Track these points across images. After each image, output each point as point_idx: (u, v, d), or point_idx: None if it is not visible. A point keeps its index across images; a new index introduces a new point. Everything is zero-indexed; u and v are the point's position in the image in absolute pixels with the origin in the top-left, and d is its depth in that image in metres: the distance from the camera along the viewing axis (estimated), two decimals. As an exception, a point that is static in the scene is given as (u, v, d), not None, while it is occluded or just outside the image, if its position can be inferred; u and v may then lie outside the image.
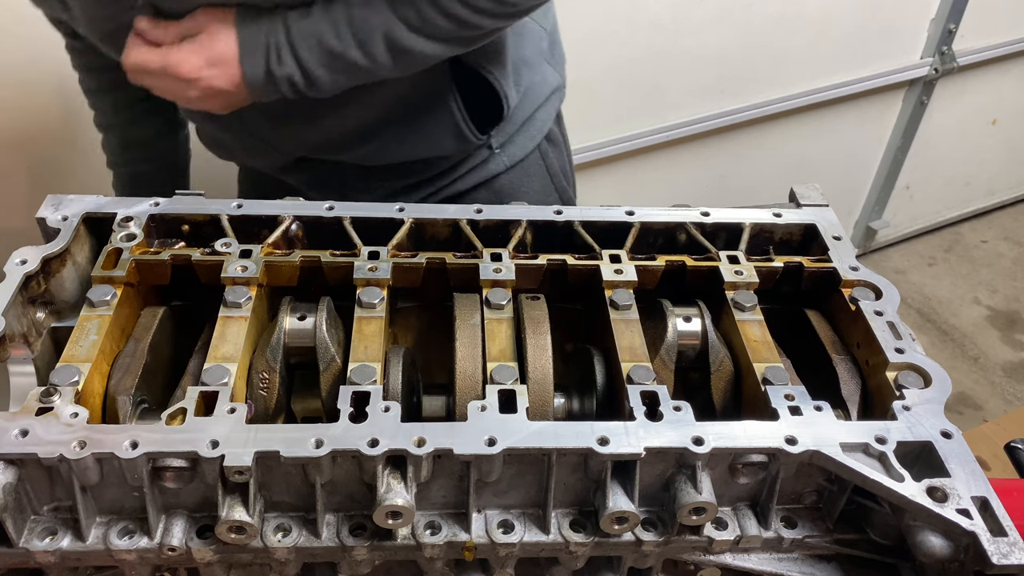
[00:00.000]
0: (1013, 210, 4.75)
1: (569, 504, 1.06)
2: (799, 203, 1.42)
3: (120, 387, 1.09)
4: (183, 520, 1.02)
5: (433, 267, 1.25)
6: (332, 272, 1.24)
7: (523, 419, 1.01)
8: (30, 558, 0.99)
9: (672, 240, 1.36)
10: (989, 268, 4.38)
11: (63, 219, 1.24)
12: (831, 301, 1.30)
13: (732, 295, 1.24)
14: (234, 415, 1.00)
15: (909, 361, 1.14)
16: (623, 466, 1.01)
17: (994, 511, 0.97)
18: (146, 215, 1.27)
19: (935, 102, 3.84)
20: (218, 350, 1.10)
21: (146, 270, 1.22)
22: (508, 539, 1.03)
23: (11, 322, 1.10)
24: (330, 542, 1.02)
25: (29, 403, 1.00)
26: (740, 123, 3.34)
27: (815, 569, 1.11)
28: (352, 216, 1.30)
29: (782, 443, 1.01)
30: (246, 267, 1.20)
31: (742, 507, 1.09)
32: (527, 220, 1.32)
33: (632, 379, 1.09)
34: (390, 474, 0.98)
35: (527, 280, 1.27)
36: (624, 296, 1.21)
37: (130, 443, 0.94)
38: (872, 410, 1.17)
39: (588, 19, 2.72)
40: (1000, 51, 3.84)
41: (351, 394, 1.03)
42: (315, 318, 1.17)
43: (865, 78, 3.55)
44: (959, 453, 1.02)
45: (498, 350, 1.12)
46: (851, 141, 3.86)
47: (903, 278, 4.29)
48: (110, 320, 1.13)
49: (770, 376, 1.11)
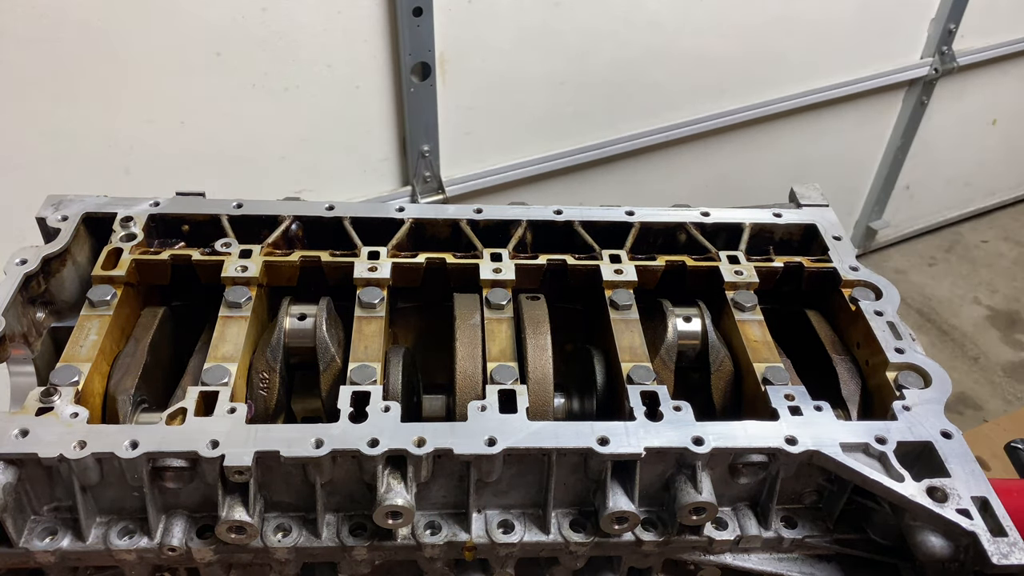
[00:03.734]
0: (1013, 210, 4.75)
1: (569, 504, 1.06)
2: (799, 203, 1.42)
3: (120, 387, 1.09)
4: (183, 520, 1.01)
5: (433, 267, 1.25)
6: (332, 272, 1.24)
7: (523, 419, 1.01)
8: (30, 558, 0.99)
9: (672, 240, 1.36)
10: (989, 268, 4.38)
11: (63, 219, 1.24)
12: (831, 301, 1.30)
13: (732, 295, 1.24)
14: (234, 415, 1.00)
15: (909, 361, 1.14)
16: (623, 466, 1.01)
17: (994, 511, 0.97)
18: (146, 215, 1.27)
19: (935, 102, 3.84)
20: (218, 350, 1.10)
21: (146, 270, 1.22)
22: (508, 539, 1.03)
23: (11, 322, 1.10)
24: (330, 542, 1.02)
25: (29, 403, 1.00)
26: (740, 123, 3.33)
27: (815, 569, 1.11)
28: (352, 216, 1.30)
29: (782, 443, 1.01)
30: (246, 267, 1.20)
31: (742, 507, 1.09)
32: (527, 220, 1.32)
33: (632, 379, 1.09)
34: (390, 474, 0.98)
35: (527, 280, 1.26)
36: (624, 296, 1.21)
37: (130, 443, 0.94)
38: (872, 410, 1.17)
39: (588, 19, 2.72)
40: (1000, 51, 3.84)
41: (351, 394, 1.03)
42: (315, 318, 1.17)
43: (865, 78, 3.55)
44: (959, 453, 1.02)
45: (498, 350, 1.12)
46: (851, 141, 3.85)
47: (903, 278, 4.29)
48: (110, 320, 1.13)
49: (770, 376, 1.11)
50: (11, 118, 2.27)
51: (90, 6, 2.19)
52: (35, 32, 2.14)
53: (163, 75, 2.38)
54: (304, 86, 2.39)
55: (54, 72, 2.25)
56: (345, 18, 2.27)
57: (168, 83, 2.39)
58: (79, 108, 2.32)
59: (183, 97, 2.44)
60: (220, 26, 2.25)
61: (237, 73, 2.39)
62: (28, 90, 2.25)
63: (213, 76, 2.41)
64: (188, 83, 2.41)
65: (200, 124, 2.51)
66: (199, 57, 2.36)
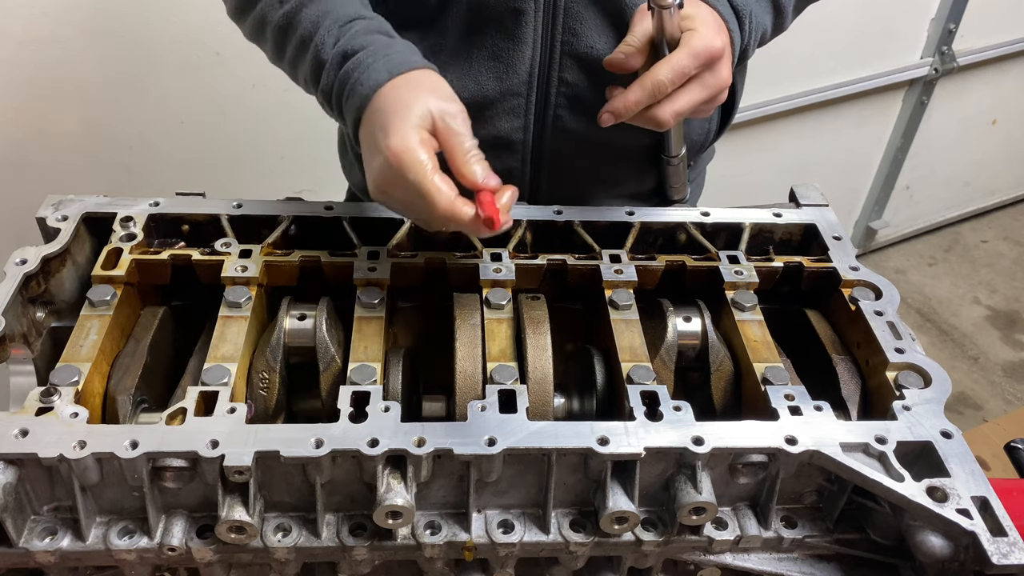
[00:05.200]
0: (1013, 210, 4.75)
1: (569, 504, 1.06)
2: (799, 203, 1.42)
3: (120, 387, 1.09)
4: (183, 520, 1.01)
5: (433, 267, 1.25)
6: (332, 272, 1.24)
7: (523, 419, 1.01)
8: (30, 558, 0.99)
9: (672, 240, 1.36)
10: (989, 268, 4.38)
11: (63, 219, 1.24)
12: (831, 301, 1.30)
13: (732, 295, 1.24)
14: (234, 415, 1.00)
15: (909, 361, 1.14)
16: (623, 466, 1.01)
17: (994, 511, 0.97)
18: (146, 215, 1.27)
19: (935, 102, 3.84)
20: (218, 350, 1.10)
21: (146, 270, 1.22)
22: (508, 539, 1.03)
23: (11, 322, 1.10)
24: (330, 542, 1.02)
25: (29, 403, 1.00)
26: (740, 123, 3.34)
27: (815, 569, 1.11)
28: (351, 216, 1.30)
29: (782, 443, 1.01)
30: (246, 267, 1.20)
31: (742, 507, 1.09)
32: (527, 220, 1.32)
33: (632, 379, 1.09)
34: (390, 474, 0.98)
35: (527, 280, 1.27)
36: (624, 296, 1.21)
37: (130, 443, 0.94)
38: (872, 410, 1.17)
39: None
40: (1000, 51, 3.84)
41: (351, 394, 1.03)
42: (315, 318, 1.17)
43: (865, 78, 3.55)
44: (959, 453, 1.02)
45: (498, 350, 1.12)
46: (851, 141, 3.86)
47: (903, 278, 4.30)
48: (110, 320, 1.13)
49: (770, 376, 1.11)
50: (11, 118, 2.28)
51: (90, 6, 2.19)
52: (35, 32, 2.14)
53: (163, 75, 2.38)
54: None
55: (54, 72, 2.25)
56: (345, 18, 2.27)
57: (168, 83, 2.39)
58: (79, 108, 2.32)
59: (183, 97, 2.44)
60: (220, 26, 2.26)
61: (237, 73, 2.39)
62: (28, 90, 2.25)
63: (213, 76, 2.41)
64: (188, 83, 2.41)
65: (200, 124, 2.51)
66: (199, 57, 2.36)
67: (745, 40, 1.27)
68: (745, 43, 1.28)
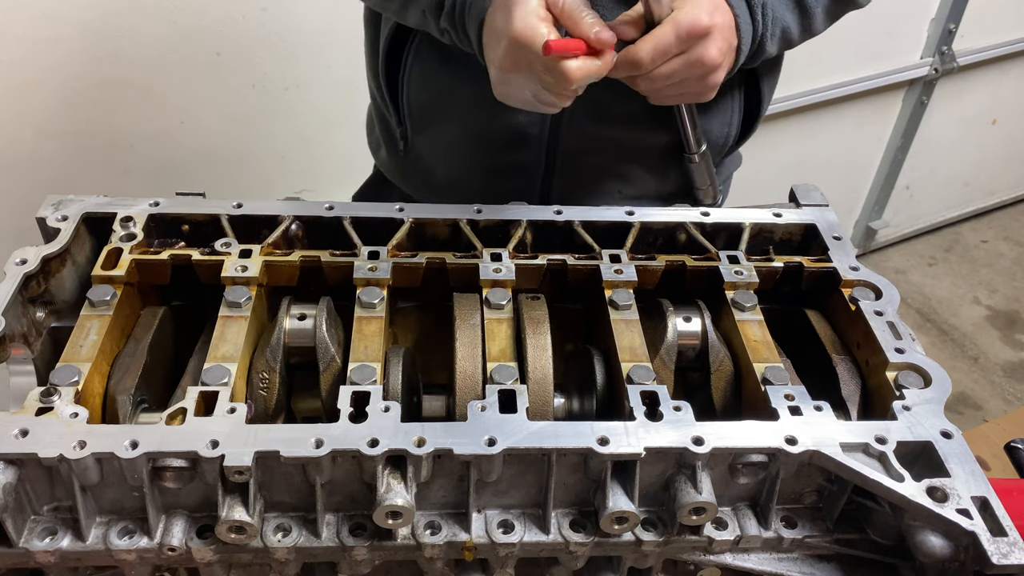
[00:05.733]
0: (1013, 210, 4.75)
1: (569, 504, 1.06)
2: (799, 203, 1.42)
3: (120, 387, 1.09)
4: (183, 520, 1.01)
5: (433, 267, 1.25)
6: (332, 272, 1.24)
7: (523, 419, 1.01)
8: (30, 558, 0.99)
9: (672, 240, 1.36)
10: (989, 268, 4.38)
11: (63, 219, 1.24)
12: (831, 301, 1.30)
13: (732, 295, 1.24)
14: (234, 415, 1.00)
15: (909, 361, 1.14)
16: (623, 466, 1.01)
17: (994, 511, 0.97)
18: (146, 215, 1.27)
19: (935, 102, 3.84)
20: (218, 350, 1.10)
21: (146, 270, 1.22)
22: (508, 539, 1.03)
23: (11, 322, 1.10)
24: (330, 542, 1.02)
25: (29, 403, 1.00)
26: (740, 123, 3.33)
27: (815, 569, 1.11)
28: (352, 216, 1.30)
29: (782, 443, 1.01)
30: (246, 267, 1.20)
31: (742, 507, 1.09)
32: (527, 220, 1.32)
33: (632, 379, 1.09)
34: (390, 474, 0.98)
35: (527, 280, 1.27)
36: (624, 296, 1.21)
37: (130, 443, 0.94)
38: (872, 410, 1.17)
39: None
40: (1000, 51, 3.84)
41: (351, 394, 1.03)
42: (315, 318, 1.17)
43: (865, 78, 3.54)
44: (959, 453, 1.02)
45: (498, 350, 1.12)
46: (851, 141, 3.85)
47: (903, 278, 4.29)
48: (110, 320, 1.13)
49: (770, 376, 1.11)
50: (11, 118, 2.27)
51: (90, 6, 2.19)
52: (35, 32, 2.14)
53: (163, 75, 2.38)
54: (304, 86, 2.39)
55: (54, 72, 2.25)
56: (345, 18, 2.27)
57: (168, 83, 2.39)
58: (79, 108, 2.32)
59: (183, 97, 2.44)
60: (220, 26, 2.26)
61: (237, 73, 2.39)
62: (28, 90, 2.25)
63: (213, 76, 2.40)
64: (188, 83, 2.41)
65: (200, 124, 2.51)
66: (199, 57, 2.35)
67: (759, 31, 1.27)
68: (760, 34, 1.28)
